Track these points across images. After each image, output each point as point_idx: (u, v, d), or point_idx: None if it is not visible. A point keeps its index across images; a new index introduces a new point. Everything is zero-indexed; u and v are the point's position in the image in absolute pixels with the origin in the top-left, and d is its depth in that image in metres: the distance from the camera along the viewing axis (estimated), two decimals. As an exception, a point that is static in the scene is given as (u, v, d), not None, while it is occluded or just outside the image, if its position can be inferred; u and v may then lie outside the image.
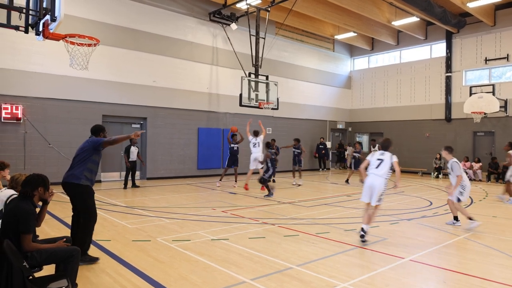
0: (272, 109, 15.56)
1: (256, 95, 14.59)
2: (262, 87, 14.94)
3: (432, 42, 20.30)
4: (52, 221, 7.37)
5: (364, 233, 6.11)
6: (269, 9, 15.46)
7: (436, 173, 18.43)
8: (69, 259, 3.69)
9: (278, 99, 15.45)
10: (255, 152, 12.53)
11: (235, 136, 13.28)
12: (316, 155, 21.13)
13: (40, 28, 5.83)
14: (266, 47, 16.47)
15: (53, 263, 3.77)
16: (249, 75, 14.75)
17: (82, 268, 4.53)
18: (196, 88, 16.45)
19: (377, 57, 23.09)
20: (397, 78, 21.62)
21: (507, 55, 17.50)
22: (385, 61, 22.61)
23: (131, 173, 12.53)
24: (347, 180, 14.94)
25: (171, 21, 15.68)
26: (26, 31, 6.15)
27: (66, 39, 6.20)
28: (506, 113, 17.20)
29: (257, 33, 15.44)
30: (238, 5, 15.69)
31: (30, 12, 5.99)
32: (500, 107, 16.44)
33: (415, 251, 5.74)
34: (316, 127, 21.73)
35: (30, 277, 3.35)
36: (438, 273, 4.91)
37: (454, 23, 17.67)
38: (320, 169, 21.17)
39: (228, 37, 17.19)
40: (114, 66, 14.08)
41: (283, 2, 15.12)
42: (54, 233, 6.32)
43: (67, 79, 12.80)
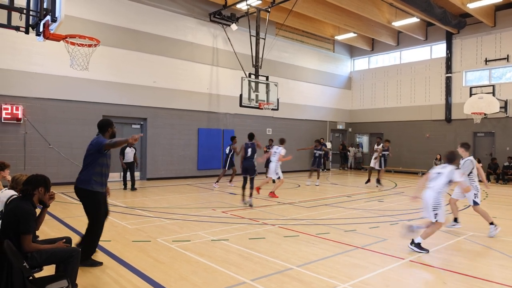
0: (272, 110, 15.57)
1: (256, 96, 14.60)
2: (262, 88, 14.95)
3: (432, 43, 20.32)
4: (52, 222, 7.36)
5: (413, 244, 5.75)
6: (269, 10, 15.47)
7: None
8: (69, 260, 3.69)
9: (278, 100, 15.46)
10: (274, 161, 11.55)
11: (235, 139, 13.27)
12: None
13: (41, 29, 5.84)
14: (266, 48, 16.48)
15: (53, 264, 3.78)
16: (249, 76, 14.75)
17: (82, 269, 4.53)
18: (196, 89, 16.47)
19: (377, 58, 23.10)
20: (397, 79, 21.63)
21: (507, 56, 17.51)
22: (385, 62, 22.63)
23: (130, 174, 12.47)
24: (379, 181, 14.11)
25: (172, 22, 15.70)
26: (27, 32, 6.16)
27: (67, 40, 6.22)
28: (506, 114, 17.21)
29: (257, 34, 15.45)
30: (238, 6, 15.70)
31: (31, 13, 5.99)
32: (500, 108, 16.44)
33: (415, 252, 5.74)
34: (316, 128, 21.73)
35: (30, 278, 3.35)
36: (438, 274, 4.91)
37: (454, 24, 17.68)
38: (320, 170, 21.09)
39: (228, 38, 17.20)
40: (115, 67, 14.10)
41: (283, 3, 15.13)
42: (54, 234, 6.32)
43: (68, 80, 12.82)
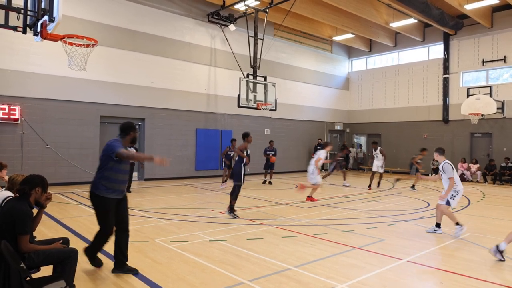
0: (270, 110, 15.58)
1: (254, 96, 14.59)
2: (260, 88, 14.94)
3: (430, 44, 20.37)
4: (50, 222, 7.34)
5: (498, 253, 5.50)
6: (267, 10, 15.49)
7: (434, 174, 18.47)
8: (67, 260, 3.69)
9: (276, 100, 15.46)
10: (311, 164, 11.09)
11: (234, 142, 13.25)
12: (313, 156, 21.02)
13: (38, 29, 5.83)
14: (264, 48, 16.49)
15: (51, 264, 3.77)
16: (247, 76, 14.75)
17: (80, 269, 4.51)
18: (194, 89, 16.46)
19: (375, 59, 23.15)
20: (395, 80, 21.68)
21: (504, 57, 17.58)
22: (383, 63, 22.68)
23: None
24: (413, 186, 13.81)
25: (169, 22, 15.68)
26: (24, 32, 6.16)
27: (64, 40, 6.22)
28: (503, 115, 17.27)
29: (255, 34, 15.46)
30: (236, 6, 15.71)
31: (28, 13, 5.99)
32: (497, 109, 16.51)
33: (413, 252, 5.75)
34: (314, 128, 21.74)
35: (28, 278, 3.34)
36: (436, 274, 4.93)
37: (452, 25, 17.74)
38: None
39: (226, 38, 17.19)
40: (112, 67, 14.07)
41: (281, 4, 15.15)
42: (52, 234, 6.30)
43: (65, 80, 12.79)
